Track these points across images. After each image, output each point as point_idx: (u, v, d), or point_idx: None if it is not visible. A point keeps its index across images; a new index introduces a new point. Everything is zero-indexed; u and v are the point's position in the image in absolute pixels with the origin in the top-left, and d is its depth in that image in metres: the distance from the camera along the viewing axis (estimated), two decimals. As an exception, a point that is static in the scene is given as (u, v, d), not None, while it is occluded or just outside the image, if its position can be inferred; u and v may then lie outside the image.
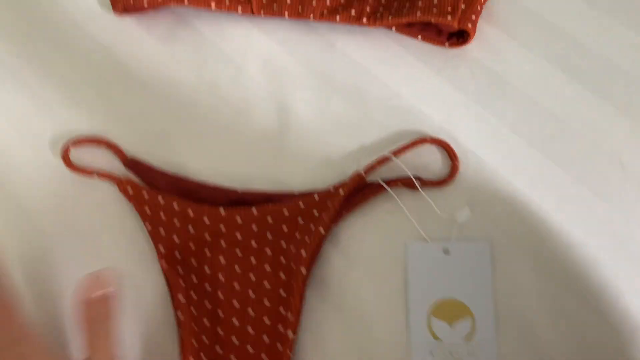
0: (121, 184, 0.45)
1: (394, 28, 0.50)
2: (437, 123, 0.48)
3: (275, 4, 0.50)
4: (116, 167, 0.47)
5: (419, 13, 0.48)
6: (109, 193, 0.46)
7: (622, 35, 0.50)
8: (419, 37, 0.50)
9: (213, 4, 0.50)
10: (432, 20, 0.47)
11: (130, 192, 0.45)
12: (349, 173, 0.46)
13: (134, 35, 0.53)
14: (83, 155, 0.48)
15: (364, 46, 0.51)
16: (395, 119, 0.48)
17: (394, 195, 0.44)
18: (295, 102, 0.49)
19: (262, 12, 0.50)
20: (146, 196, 0.44)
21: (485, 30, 0.50)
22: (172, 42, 0.52)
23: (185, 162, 0.48)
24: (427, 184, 0.45)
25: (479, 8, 0.49)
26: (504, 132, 0.47)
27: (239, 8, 0.50)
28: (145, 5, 0.51)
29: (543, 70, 0.49)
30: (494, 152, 0.46)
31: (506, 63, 0.49)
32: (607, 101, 0.47)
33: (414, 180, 0.45)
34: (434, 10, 0.48)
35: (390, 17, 0.49)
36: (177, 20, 0.53)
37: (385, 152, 0.46)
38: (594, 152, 0.46)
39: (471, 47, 0.50)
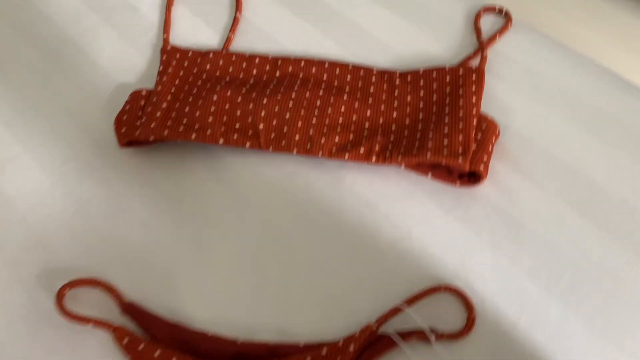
0: (117, 334, 0.42)
1: (403, 165, 0.50)
2: (451, 268, 0.45)
3: (283, 141, 0.50)
4: (113, 310, 0.45)
5: (429, 154, 0.47)
6: (104, 341, 0.43)
7: (638, 175, 0.49)
8: (429, 175, 0.49)
9: (221, 141, 0.50)
10: (443, 162, 0.47)
11: (126, 342, 0.42)
12: (358, 321, 0.43)
13: (139, 167, 0.52)
14: (79, 295, 0.45)
15: (373, 182, 0.50)
16: (406, 263, 0.46)
17: (407, 351, 0.42)
18: (302, 243, 0.48)
19: (270, 147, 0.50)
20: (142, 348, 0.41)
21: (497, 168, 0.49)
22: (178, 175, 0.51)
23: (186, 307, 0.45)
24: (442, 336, 0.42)
25: (490, 149, 0.48)
26: (521, 279, 0.45)
27: (247, 144, 0.50)
28: (151, 140, 0.50)
29: (558, 212, 0.47)
30: (511, 301, 0.44)
31: (520, 204, 0.48)
32: (627, 246, 0.46)
33: (428, 334, 0.42)
34: (445, 151, 0.47)
35: (399, 156, 0.48)
36: (183, 152, 0.53)
37: (397, 299, 0.44)
38: (616, 302, 0.43)
39: (483, 186, 0.49)
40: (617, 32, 1.45)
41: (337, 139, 0.50)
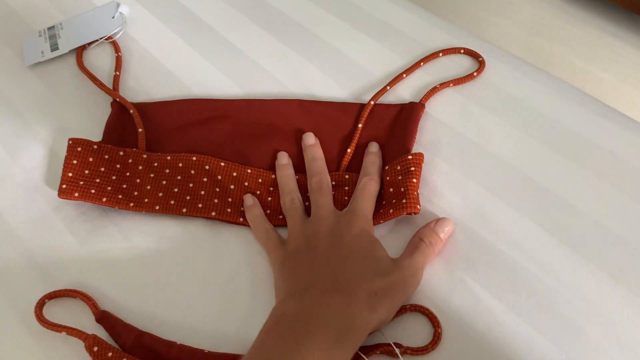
0: (88, 342, 0.43)
1: None
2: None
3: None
4: (91, 319, 0.46)
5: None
6: (78, 349, 0.45)
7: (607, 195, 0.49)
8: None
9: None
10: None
11: (96, 350, 0.43)
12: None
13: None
14: (59, 305, 0.47)
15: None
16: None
17: (371, 366, 0.42)
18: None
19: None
20: (110, 356, 0.42)
21: (468, 189, 0.50)
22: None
23: (159, 314, 0.46)
24: (408, 351, 0.42)
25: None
26: (487, 298, 0.45)
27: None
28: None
29: (530, 233, 0.47)
30: (478, 319, 0.44)
31: (492, 225, 0.48)
32: (599, 268, 0.45)
33: (394, 347, 0.42)
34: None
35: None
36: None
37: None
38: (583, 322, 0.43)
39: (456, 210, 0.49)
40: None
41: None
